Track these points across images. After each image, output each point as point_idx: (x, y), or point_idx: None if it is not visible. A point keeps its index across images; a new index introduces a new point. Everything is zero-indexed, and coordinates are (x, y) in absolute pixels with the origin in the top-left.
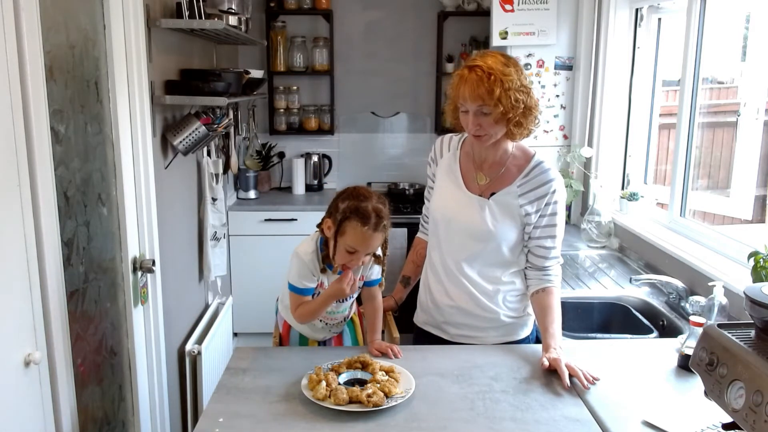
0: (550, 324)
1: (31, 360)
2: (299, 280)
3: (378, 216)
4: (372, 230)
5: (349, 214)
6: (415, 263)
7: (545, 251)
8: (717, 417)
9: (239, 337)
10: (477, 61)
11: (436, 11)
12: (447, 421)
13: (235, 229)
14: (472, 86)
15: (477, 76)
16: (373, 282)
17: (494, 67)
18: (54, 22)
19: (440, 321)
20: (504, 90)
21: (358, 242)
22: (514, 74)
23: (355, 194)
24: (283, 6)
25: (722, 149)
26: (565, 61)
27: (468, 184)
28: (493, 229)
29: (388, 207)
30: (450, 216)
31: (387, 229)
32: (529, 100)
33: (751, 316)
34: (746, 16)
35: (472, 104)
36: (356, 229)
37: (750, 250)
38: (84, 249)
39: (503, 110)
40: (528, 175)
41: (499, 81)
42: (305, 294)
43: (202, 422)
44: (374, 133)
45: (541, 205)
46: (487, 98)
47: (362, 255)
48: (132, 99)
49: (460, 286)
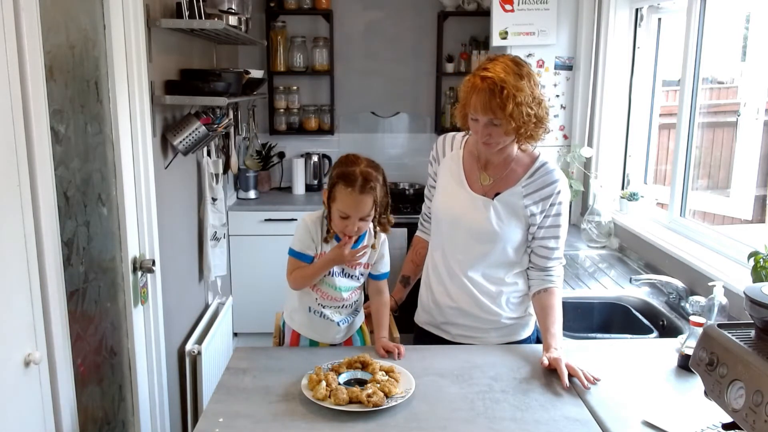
0: (551, 324)
1: (31, 360)
2: (299, 244)
3: (365, 179)
4: (358, 192)
5: (337, 179)
6: (415, 263)
7: (548, 251)
8: (717, 417)
9: (239, 337)
10: (489, 71)
11: (436, 11)
12: (447, 421)
13: (235, 229)
14: (484, 99)
15: (489, 88)
16: (380, 276)
17: (507, 80)
18: (54, 22)
19: (441, 321)
20: (516, 105)
21: (347, 206)
22: (527, 87)
23: (345, 161)
24: (283, 6)
25: (722, 149)
26: (565, 61)
27: (472, 184)
28: (498, 229)
29: (381, 171)
30: (455, 216)
31: (375, 190)
32: (541, 111)
33: (751, 316)
34: (746, 16)
35: (483, 116)
36: (343, 193)
37: (750, 250)
38: (84, 249)
39: (515, 126)
40: (533, 175)
41: (512, 96)
42: (303, 259)
43: (202, 422)
44: (374, 133)
45: (546, 205)
46: (499, 113)
47: (355, 220)
48: (132, 99)
49: (462, 288)
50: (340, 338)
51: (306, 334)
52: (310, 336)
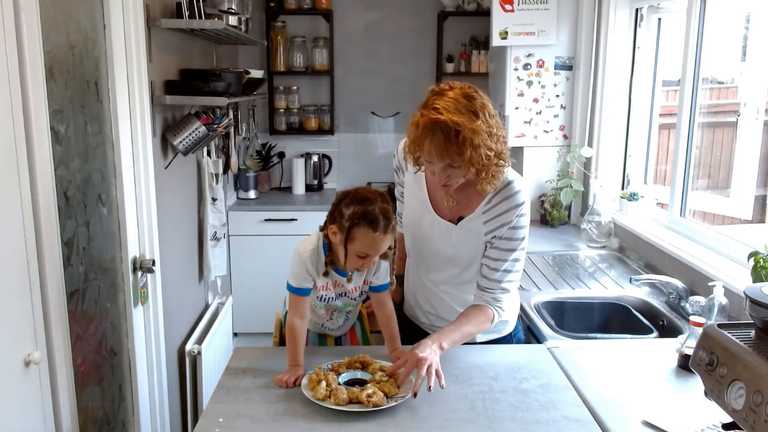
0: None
1: (31, 360)
2: (295, 279)
3: (386, 218)
4: (382, 233)
5: (357, 220)
6: (404, 260)
7: (490, 272)
8: (717, 417)
9: (239, 337)
10: (440, 112)
11: (436, 11)
12: (447, 421)
13: (235, 229)
14: (439, 147)
15: (443, 132)
16: (381, 287)
17: (461, 123)
18: (54, 22)
19: (425, 323)
20: (474, 148)
21: (369, 247)
22: (483, 126)
23: (359, 198)
24: (283, 6)
25: (722, 149)
26: (565, 61)
27: (437, 206)
28: (463, 254)
29: (390, 204)
30: (420, 240)
31: (395, 229)
32: (499, 145)
33: (751, 316)
34: (746, 16)
35: (440, 162)
36: (367, 235)
37: (750, 250)
38: (84, 249)
39: (476, 170)
40: (492, 199)
41: (469, 140)
42: (301, 294)
43: (202, 422)
44: (374, 133)
45: (503, 230)
46: (456, 158)
47: (374, 258)
48: (132, 99)
49: (437, 299)
50: (340, 331)
51: (312, 329)
52: (316, 330)
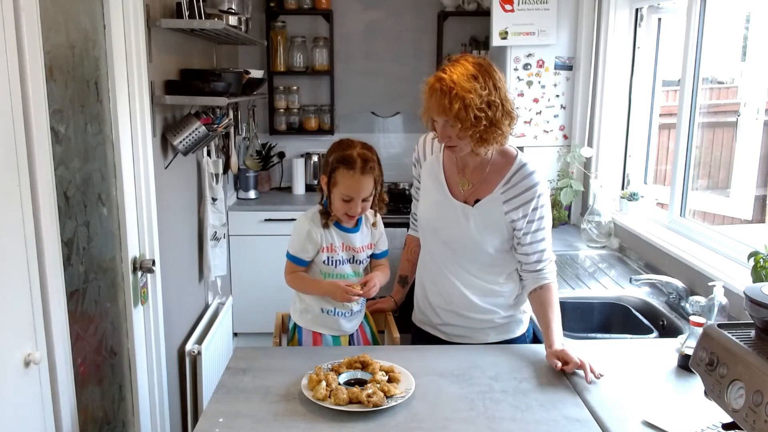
0: (551, 320)
1: (31, 360)
2: (293, 247)
3: (364, 160)
4: (360, 173)
5: (336, 164)
6: (410, 261)
7: (539, 254)
8: (717, 417)
9: (239, 337)
10: (445, 71)
11: (436, 11)
12: (447, 421)
13: (235, 229)
14: (437, 99)
15: (441, 89)
16: (381, 255)
17: (457, 82)
18: (54, 22)
19: (437, 323)
20: (464, 107)
21: (349, 188)
22: (478, 89)
23: (340, 146)
24: (283, 6)
25: (722, 149)
26: (565, 61)
27: (452, 188)
28: (478, 238)
29: (374, 152)
30: (434, 227)
31: (375, 170)
32: (496, 114)
33: (751, 316)
34: (746, 16)
35: (439, 118)
36: (345, 176)
37: (750, 250)
38: (84, 249)
39: (462, 127)
40: (510, 180)
41: (460, 98)
42: (297, 263)
43: (202, 422)
44: (374, 133)
45: (527, 210)
46: (448, 113)
47: (358, 201)
48: (132, 99)
49: (453, 290)
50: (352, 327)
51: (323, 330)
52: (328, 332)
